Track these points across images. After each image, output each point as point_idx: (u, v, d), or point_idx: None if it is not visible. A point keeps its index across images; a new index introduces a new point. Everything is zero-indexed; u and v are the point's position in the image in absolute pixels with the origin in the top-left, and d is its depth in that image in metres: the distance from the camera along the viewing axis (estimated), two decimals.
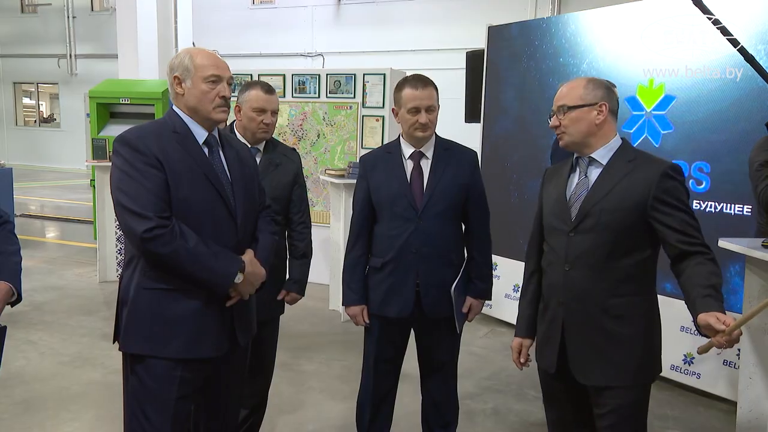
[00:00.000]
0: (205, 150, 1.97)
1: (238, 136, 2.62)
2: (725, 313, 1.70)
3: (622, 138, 2.02)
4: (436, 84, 2.48)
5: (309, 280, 2.88)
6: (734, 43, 3.09)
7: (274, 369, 2.90)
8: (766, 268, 2.57)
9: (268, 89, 2.63)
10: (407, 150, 2.50)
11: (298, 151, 2.94)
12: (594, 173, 1.98)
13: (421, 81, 2.43)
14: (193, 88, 1.93)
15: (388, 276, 2.49)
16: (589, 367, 1.96)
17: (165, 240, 1.81)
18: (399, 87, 2.46)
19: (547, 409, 2.21)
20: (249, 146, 2.57)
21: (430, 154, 2.50)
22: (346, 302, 2.59)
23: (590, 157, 1.99)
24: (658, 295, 2.03)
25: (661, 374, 2.28)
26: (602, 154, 1.98)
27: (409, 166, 2.49)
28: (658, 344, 2.01)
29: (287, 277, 2.80)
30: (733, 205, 3.55)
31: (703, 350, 1.81)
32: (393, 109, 2.52)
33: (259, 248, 2.07)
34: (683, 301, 1.92)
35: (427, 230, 2.44)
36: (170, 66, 1.98)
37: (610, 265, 1.92)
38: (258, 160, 2.62)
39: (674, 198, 1.87)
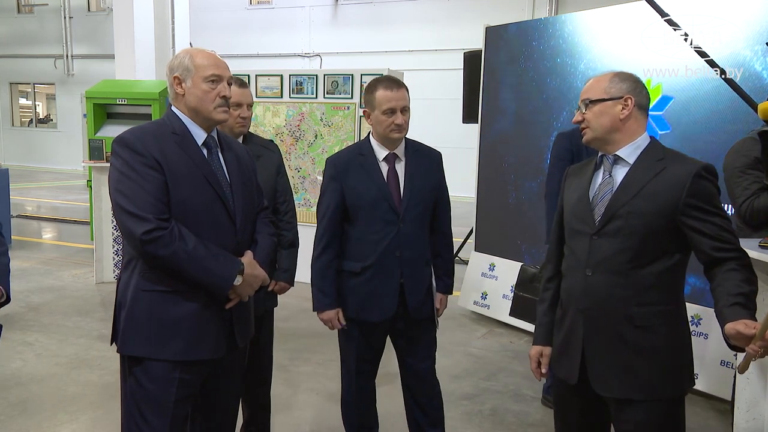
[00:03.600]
0: (204, 151, 1.96)
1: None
2: (756, 320, 1.59)
3: (650, 136, 1.90)
4: (407, 86, 2.48)
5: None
6: (703, 54, 3.14)
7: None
8: (763, 268, 2.57)
9: (241, 83, 2.63)
10: (381, 152, 2.48)
11: (276, 142, 2.95)
12: (620, 173, 1.86)
13: (394, 82, 2.43)
14: (194, 87, 1.92)
15: (369, 280, 2.47)
16: (609, 378, 1.84)
17: (164, 242, 1.80)
18: (371, 89, 2.44)
19: (557, 420, 2.10)
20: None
21: (402, 155, 2.50)
22: (319, 307, 2.52)
23: (615, 155, 1.87)
24: None
25: None
26: (628, 152, 1.85)
27: (384, 168, 2.48)
28: (688, 356, 1.88)
29: (277, 266, 2.80)
30: (730, 206, 3.55)
31: (743, 368, 1.71)
32: (364, 111, 2.49)
33: (259, 250, 2.06)
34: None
35: (408, 232, 2.46)
36: (170, 67, 1.96)
37: (634, 272, 1.80)
38: None
39: (707, 202, 1.75)
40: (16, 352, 4.15)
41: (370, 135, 2.53)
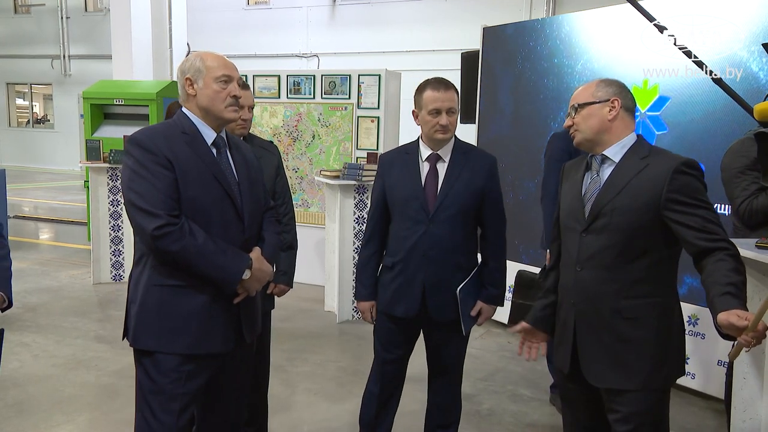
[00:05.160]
0: (213, 151, 2.02)
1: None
2: (747, 310, 1.63)
3: (637, 135, 1.97)
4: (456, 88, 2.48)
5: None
6: (688, 54, 3.15)
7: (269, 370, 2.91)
8: (759, 269, 2.57)
9: (243, 85, 2.64)
10: (425, 152, 2.51)
11: (275, 143, 2.95)
12: (606, 171, 1.94)
13: (442, 83, 2.45)
14: (205, 88, 1.98)
15: (397, 276, 2.51)
16: (599, 369, 1.92)
17: (174, 237, 1.86)
18: (420, 89, 2.47)
19: (563, 411, 2.19)
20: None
21: (447, 157, 2.49)
22: (358, 297, 2.64)
23: (603, 155, 1.95)
24: None
25: None
26: (615, 151, 1.93)
27: (425, 168, 2.50)
28: (677, 348, 1.93)
29: (274, 269, 2.82)
30: (727, 206, 3.55)
31: (734, 356, 1.74)
32: (413, 111, 2.51)
33: (266, 246, 2.13)
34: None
35: (437, 233, 2.45)
36: (181, 69, 2.03)
37: (622, 266, 1.86)
38: None
39: (688, 195, 1.80)
40: (13, 353, 4.14)
41: (420, 135, 2.56)
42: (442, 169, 2.48)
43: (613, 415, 1.92)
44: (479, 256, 2.63)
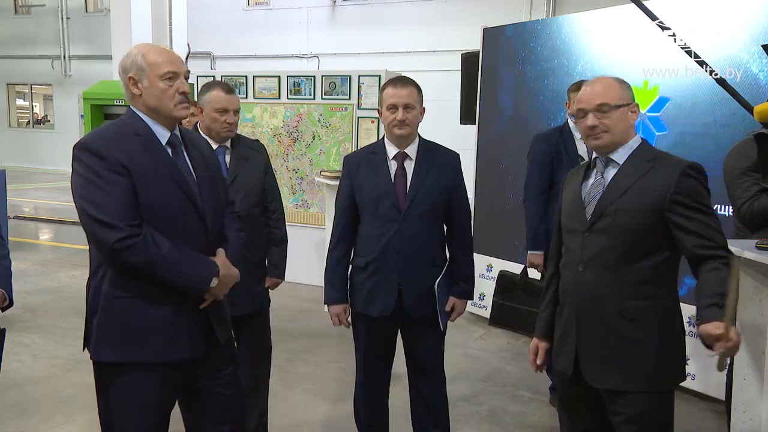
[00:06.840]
0: (169, 151, 1.91)
1: (203, 136, 2.65)
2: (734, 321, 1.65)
3: (641, 138, 1.98)
4: (419, 86, 2.51)
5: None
6: (689, 53, 3.16)
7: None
8: (759, 269, 2.57)
9: (228, 89, 2.67)
10: (391, 150, 2.53)
11: (263, 143, 3.04)
12: (610, 173, 1.94)
13: (401, 80, 2.49)
14: (151, 87, 1.86)
15: (371, 275, 2.51)
16: (601, 370, 1.91)
17: (138, 249, 1.76)
18: (382, 88, 2.52)
19: (561, 414, 2.18)
20: (217, 145, 2.66)
21: (413, 155, 2.52)
22: (329, 301, 2.62)
23: (608, 157, 1.95)
24: None
25: None
26: (620, 154, 1.93)
27: (393, 166, 2.52)
28: (678, 350, 1.94)
29: (267, 263, 2.86)
30: (727, 207, 3.55)
31: (721, 367, 1.75)
32: (378, 110, 2.57)
33: (230, 248, 2.03)
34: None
35: (410, 231, 2.47)
36: (122, 66, 1.91)
37: (624, 267, 1.86)
38: (227, 157, 2.70)
39: (692, 199, 1.82)
40: (13, 353, 4.13)
41: (384, 134, 2.59)
42: (409, 167, 2.51)
43: (616, 417, 1.92)
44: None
